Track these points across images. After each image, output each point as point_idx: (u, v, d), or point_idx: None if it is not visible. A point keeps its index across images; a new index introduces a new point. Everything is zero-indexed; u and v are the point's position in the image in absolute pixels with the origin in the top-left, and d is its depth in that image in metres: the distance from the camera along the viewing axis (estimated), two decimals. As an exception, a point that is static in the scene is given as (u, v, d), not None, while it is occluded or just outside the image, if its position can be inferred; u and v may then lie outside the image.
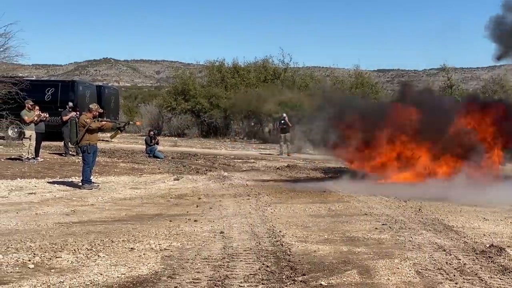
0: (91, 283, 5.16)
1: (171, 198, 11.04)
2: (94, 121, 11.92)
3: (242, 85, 36.35)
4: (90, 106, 12.32)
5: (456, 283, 5.39)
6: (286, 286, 5.23)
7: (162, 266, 5.78)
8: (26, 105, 15.92)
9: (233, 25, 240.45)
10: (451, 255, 6.48)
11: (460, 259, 6.27)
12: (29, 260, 5.85)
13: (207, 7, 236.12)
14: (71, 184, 12.18)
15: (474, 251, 6.70)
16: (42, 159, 16.44)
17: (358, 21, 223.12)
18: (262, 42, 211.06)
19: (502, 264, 6.12)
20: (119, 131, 14.41)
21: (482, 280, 5.50)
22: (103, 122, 12.54)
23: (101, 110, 12.66)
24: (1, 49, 21.16)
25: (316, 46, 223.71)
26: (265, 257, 6.23)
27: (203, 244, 6.82)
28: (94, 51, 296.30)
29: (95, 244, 6.60)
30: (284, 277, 5.49)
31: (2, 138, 22.66)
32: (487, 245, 6.94)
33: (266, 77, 37.68)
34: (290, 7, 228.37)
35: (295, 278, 5.44)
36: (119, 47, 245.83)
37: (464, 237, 7.55)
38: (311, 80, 38.62)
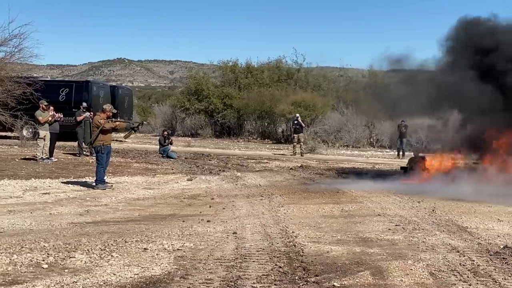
0: (104, 283, 5.18)
1: (184, 198, 11.06)
2: (108, 122, 11.97)
3: (256, 85, 36.39)
4: (104, 106, 12.37)
5: (470, 285, 5.34)
6: (298, 287, 5.22)
7: (175, 267, 5.79)
8: (41, 105, 16.02)
9: (247, 25, 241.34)
10: (464, 256, 6.44)
11: (474, 261, 6.22)
12: (43, 260, 5.88)
13: (221, 7, 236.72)
14: (85, 184, 12.24)
15: (488, 252, 6.65)
16: (56, 159, 16.55)
17: (370, 20, 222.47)
18: (275, 42, 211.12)
19: (517, 265, 6.06)
20: (132, 131, 14.50)
21: (496, 282, 5.45)
22: (117, 123, 12.60)
23: (115, 111, 12.73)
24: (16, 50, 21.36)
25: (328, 45, 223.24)
26: (277, 257, 6.22)
27: (216, 245, 6.82)
28: (108, 51, 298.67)
29: (108, 244, 6.62)
30: (296, 278, 5.48)
31: (17, 138, 22.86)
32: (501, 246, 6.88)
33: (279, 77, 37.69)
34: (304, 7, 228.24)
35: (308, 279, 5.43)
36: (133, 47, 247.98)
37: (478, 238, 7.49)
38: (324, 80, 38.61)
